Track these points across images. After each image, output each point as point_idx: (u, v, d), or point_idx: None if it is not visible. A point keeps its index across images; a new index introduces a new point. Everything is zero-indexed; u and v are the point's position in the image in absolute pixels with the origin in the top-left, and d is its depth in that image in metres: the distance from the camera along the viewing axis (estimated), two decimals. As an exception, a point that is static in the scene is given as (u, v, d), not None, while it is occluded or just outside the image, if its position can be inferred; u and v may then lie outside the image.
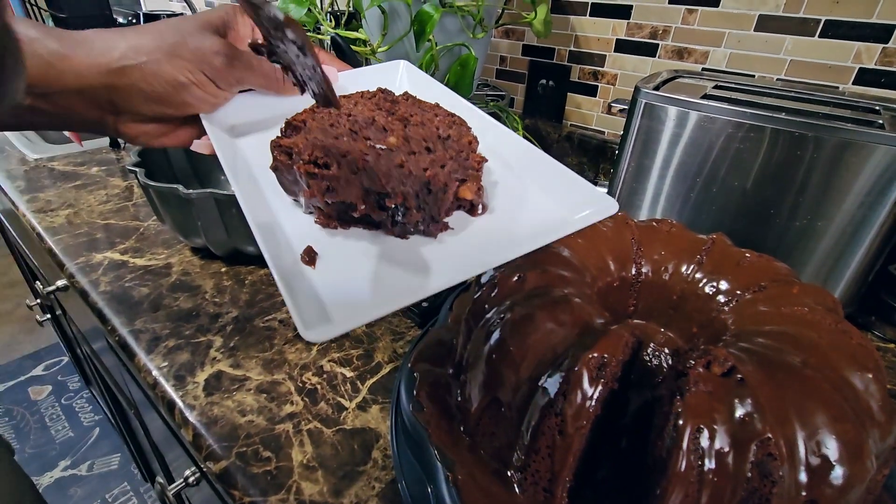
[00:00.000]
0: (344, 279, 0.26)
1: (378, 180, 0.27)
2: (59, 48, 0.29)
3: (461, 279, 0.25)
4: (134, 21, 1.30)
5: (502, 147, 0.35)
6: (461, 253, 0.29)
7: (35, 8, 1.27)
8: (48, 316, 1.20)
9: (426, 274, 0.27)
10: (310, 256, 0.27)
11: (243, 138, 0.36)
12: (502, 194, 0.32)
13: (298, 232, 0.29)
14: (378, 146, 0.29)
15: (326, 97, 0.29)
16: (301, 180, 0.28)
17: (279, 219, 0.30)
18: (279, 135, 0.32)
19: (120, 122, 0.33)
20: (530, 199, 0.32)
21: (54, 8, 1.24)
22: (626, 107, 0.58)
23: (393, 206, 0.27)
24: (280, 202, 0.31)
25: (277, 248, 0.27)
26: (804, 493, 0.21)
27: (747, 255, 0.34)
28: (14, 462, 0.69)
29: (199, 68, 0.32)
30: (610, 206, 0.28)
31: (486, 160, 0.33)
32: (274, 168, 0.30)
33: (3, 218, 1.09)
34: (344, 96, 0.38)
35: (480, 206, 0.31)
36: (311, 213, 0.30)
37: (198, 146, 0.36)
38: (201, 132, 0.36)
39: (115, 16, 1.30)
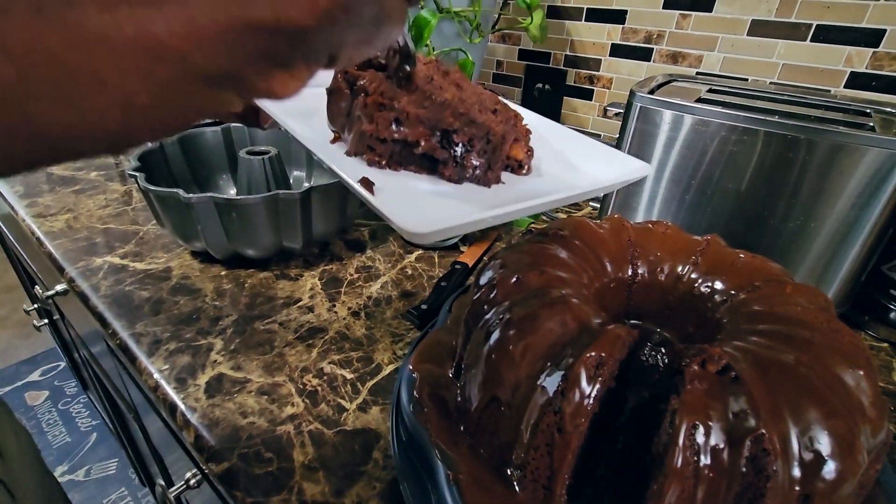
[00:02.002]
0: (409, 204, 0.27)
1: (447, 117, 0.28)
2: None
3: (523, 213, 0.26)
4: None
5: (539, 126, 0.37)
6: (518, 196, 0.30)
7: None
8: (45, 321, 1.20)
9: (487, 205, 0.28)
10: (367, 185, 0.26)
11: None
12: (545, 163, 0.34)
13: (347, 168, 0.28)
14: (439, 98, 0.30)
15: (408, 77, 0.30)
16: (363, 113, 0.28)
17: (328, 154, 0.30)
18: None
19: None
20: (573, 165, 0.34)
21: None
22: (621, 111, 0.58)
23: (458, 143, 0.28)
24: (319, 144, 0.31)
25: (342, 169, 0.26)
26: (798, 488, 0.21)
27: (741, 255, 0.34)
28: (43, 462, 0.69)
29: None
30: (644, 168, 0.32)
31: (531, 132, 0.34)
32: (330, 91, 0.30)
33: (0, 223, 1.09)
34: None
35: (527, 168, 0.33)
36: (356, 154, 0.30)
37: None
38: None
39: None
